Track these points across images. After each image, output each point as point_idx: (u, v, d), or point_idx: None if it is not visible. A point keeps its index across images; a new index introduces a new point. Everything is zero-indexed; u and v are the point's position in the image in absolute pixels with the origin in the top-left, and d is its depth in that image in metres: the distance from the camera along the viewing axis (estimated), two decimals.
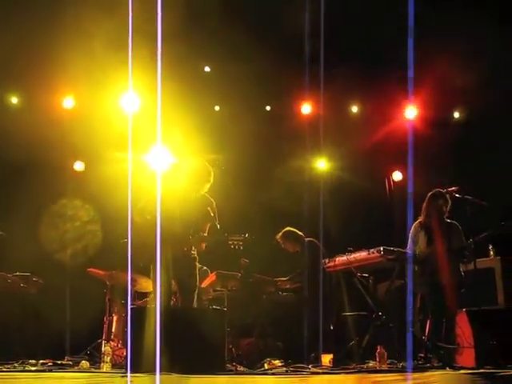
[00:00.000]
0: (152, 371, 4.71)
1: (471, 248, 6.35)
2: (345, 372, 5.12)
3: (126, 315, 5.72)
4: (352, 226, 8.55)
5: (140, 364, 4.97)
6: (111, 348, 5.78)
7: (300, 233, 7.43)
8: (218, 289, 7.17)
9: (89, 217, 8.68)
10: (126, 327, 5.34)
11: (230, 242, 5.93)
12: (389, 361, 5.97)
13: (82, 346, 6.96)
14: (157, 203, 6.05)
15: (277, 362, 5.81)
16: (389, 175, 9.47)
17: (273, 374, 5.00)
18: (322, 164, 9.14)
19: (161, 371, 4.73)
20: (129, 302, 6.40)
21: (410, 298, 6.61)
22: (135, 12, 6.69)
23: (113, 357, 6.15)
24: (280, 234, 7.43)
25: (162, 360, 4.80)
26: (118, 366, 5.75)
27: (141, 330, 5.12)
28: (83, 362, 5.66)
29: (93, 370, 5.50)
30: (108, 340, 6.60)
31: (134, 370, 4.92)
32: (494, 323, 5.79)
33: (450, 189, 6.48)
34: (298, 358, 6.17)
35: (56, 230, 8.34)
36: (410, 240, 6.74)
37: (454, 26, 7.96)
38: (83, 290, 7.48)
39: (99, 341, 6.64)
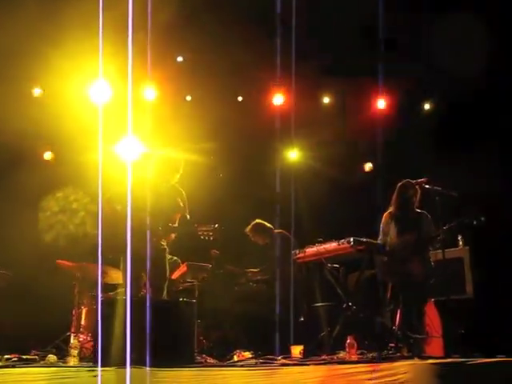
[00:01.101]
0: (121, 364, 4.67)
1: (441, 237, 6.38)
2: (314, 363, 5.11)
3: (96, 307, 5.67)
4: (324, 217, 8.56)
5: (109, 357, 4.92)
6: (79, 341, 5.71)
7: (269, 225, 7.42)
8: (189, 280, 7.14)
9: (58, 207, 8.59)
10: (96, 320, 5.30)
11: (200, 233, 5.90)
12: (359, 351, 5.99)
13: (51, 340, 6.89)
14: (126, 194, 6.01)
15: (246, 354, 5.80)
16: (361, 165, 9.50)
17: (242, 366, 4.98)
18: (293, 154, 9.13)
19: (130, 364, 4.70)
20: (99, 294, 6.33)
21: (380, 288, 6.68)
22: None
23: (82, 350, 6.09)
24: (249, 226, 7.40)
25: (131, 353, 4.77)
26: (87, 359, 5.66)
27: (110, 322, 5.08)
28: (50, 356, 5.56)
29: (60, 364, 5.42)
30: (77, 333, 6.54)
31: (103, 364, 4.87)
32: (461, 313, 5.84)
33: (419, 180, 6.50)
34: (269, 349, 6.17)
35: (25, 220, 8.23)
36: (381, 231, 6.77)
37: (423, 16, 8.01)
38: (52, 282, 7.40)
39: (68, 334, 6.58)
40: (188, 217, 6.16)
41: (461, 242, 7.16)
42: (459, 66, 7.60)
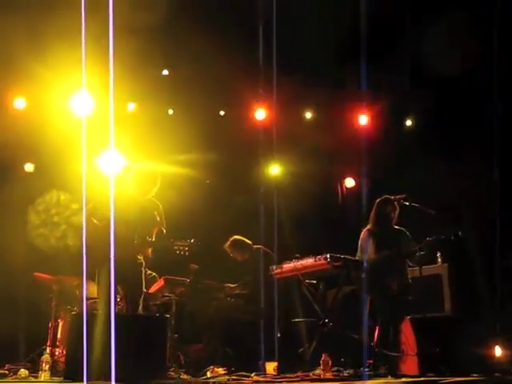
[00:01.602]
0: (94, 379, 4.63)
1: (421, 253, 6.38)
2: (287, 381, 5.08)
3: (75, 321, 5.60)
4: (304, 232, 8.54)
5: (81, 372, 4.87)
6: (54, 355, 5.65)
7: (248, 241, 7.40)
8: (167, 294, 7.08)
9: (39, 220, 8.53)
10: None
11: (176, 248, 5.86)
12: (335, 368, 5.96)
13: (27, 354, 6.82)
14: (105, 206, 5.97)
15: (220, 370, 5.75)
16: (341, 181, 9.51)
17: (214, 382, 4.94)
18: (275, 169, 9.12)
19: (103, 379, 4.66)
20: (84, 307, 6.25)
21: (360, 304, 6.64)
22: (88, 10, 6.61)
23: (57, 364, 6.04)
24: (228, 242, 7.37)
25: (103, 368, 4.73)
26: (61, 373, 5.61)
27: (83, 336, 5.02)
28: (22, 370, 5.52)
29: (31, 379, 5.36)
30: (53, 346, 6.48)
31: (75, 379, 4.82)
32: (437, 331, 5.83)
33: (397, 196, 6.50)
34: (246, 365, 6.13)
35: (5, 233, 8.16)
36: (359, 247, 6.75)
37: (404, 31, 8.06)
38: (29, 295, 7.34)
39: (44, 347, 6.52)
40: (164, 231, 6.11)
41: (439, 259, 7.16)
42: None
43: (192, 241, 5.85)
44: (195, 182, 8.54)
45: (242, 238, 7.39)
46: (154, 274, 6.93)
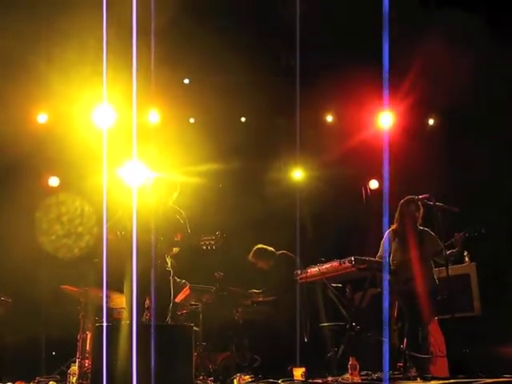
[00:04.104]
0: None
1: (451, 252, 6.32)
2: None
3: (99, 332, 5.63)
4: (329, 236, 8.50)
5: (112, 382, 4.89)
6: (81, 367, 5.68)
7: (270, 248, 7.40)
8: (194, 303, 7.09)
9: (64, 231, 8.62)
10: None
11: (202, 243, 5.87)
12: (364, 372, 5.91)
13: (57, 366, 6.87)
14: (127, 218, 6.01)
15: (247, 378, 5.74)
16: (365, 184, 9.44)
17: None
18: (298, 174, 9.09)
19: None
20: (104, 319, 6.30)
21: (385, 307, 6.56)
22: (111, 25, 6.68)
23: (86, 375, 6.07)
24: (251, 253, 7.38)
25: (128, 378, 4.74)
26: None
27: (112, 347, 5.04)
28: (51, 382, 5.57)
29: None
30: (82, 358, 6.52)
31: None
32: (466, 331, 5.74)
33: (421, 196, 6.44)
34: (274, 371, 6.10)
35: (30, 245, 8.26)
36: (382, 248, 6.68)
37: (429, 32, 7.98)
38: (57, 308, 7.41)
39: (73, 359, 6.56)
40: (189, 230, 6.13)
41: (467, 258, 7.06)
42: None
43: (218, 233, 5.84)
44: (217, 190, 8.56)
45: (265, 247, 7.39)
46: (184, 280, 6.94)
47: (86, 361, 6.50)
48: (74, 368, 5.59)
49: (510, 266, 7.23)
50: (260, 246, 7.39)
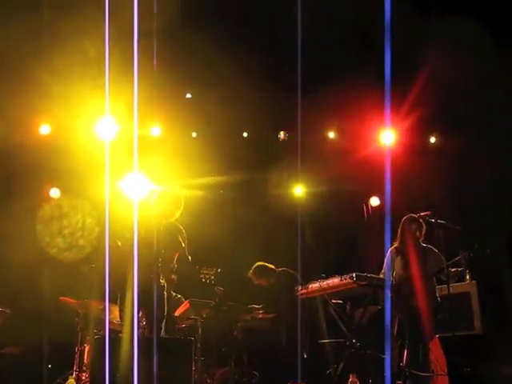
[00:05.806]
0: None
1: (454, 271, 6.32)
2: None
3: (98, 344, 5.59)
4: (330, 252, 8.48)
5: None
6: (78, 380, 5.64)
7: (270, 265, 7.38)
8: (192, 317, 7.05)
9: (65, 243, 8.60)
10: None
11: (202, 276, 5.87)
12: None
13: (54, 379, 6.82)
14: (126, 229, 6.00)
15: None
16: (366, 201, 9.44)
17: None
18: (299, 190, 9.09)
19: None
20: (107, 331, 6.26)
21: (387, 324, 6.54)
22: (113, 38, 6.70)
23: None
24: (251, 270, 7.36)
25: None
26: None
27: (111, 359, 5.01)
28: None
29: None
30: (80, 371, 6.47)
31: None
32: (467, 350, 5.71)
33: (423, 213, 6.44)
34: None
35: (31, 257, 8.23)
36: (385, 266, 6.68)
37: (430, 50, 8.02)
38: (56, 319, 7.37)
39: (70, 372, 6.51)
40: (189, 257, 6.11)
41: (468, 276, 7.04)
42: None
43: (219, 270, 5.85)
44: (218, 204, 8.55)
45: (265, 264, 7.37)
46: (180, 296, 6.92)
47: (84, 374, 6.46)
48: (72, 381, 5.54)
49: (510, 284, 7.21)
50: (260, 263, 7.37)
